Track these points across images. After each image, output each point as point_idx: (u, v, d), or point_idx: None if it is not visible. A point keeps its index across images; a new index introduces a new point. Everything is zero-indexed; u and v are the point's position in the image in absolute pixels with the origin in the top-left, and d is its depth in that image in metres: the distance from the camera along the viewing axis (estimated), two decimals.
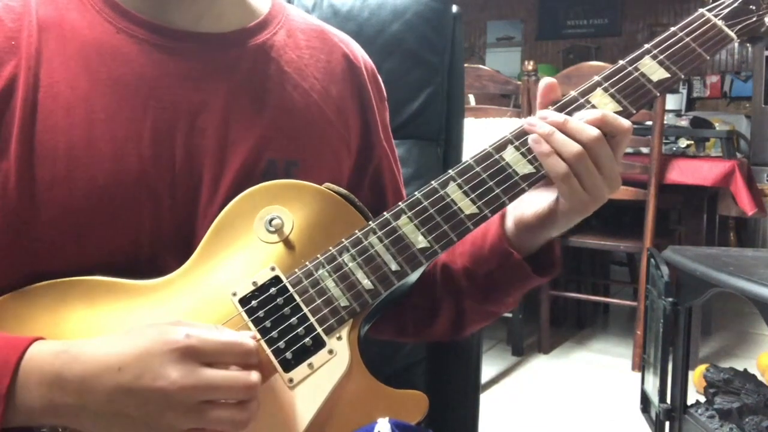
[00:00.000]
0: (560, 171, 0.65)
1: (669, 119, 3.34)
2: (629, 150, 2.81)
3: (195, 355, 0.56)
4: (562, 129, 0.66)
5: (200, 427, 0.56)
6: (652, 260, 1.96)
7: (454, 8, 1.07)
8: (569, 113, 0.69)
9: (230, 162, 0.70)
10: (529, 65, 2.87)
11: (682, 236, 3.08)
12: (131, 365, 0.56)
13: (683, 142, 2.97)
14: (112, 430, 0.56)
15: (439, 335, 0.82)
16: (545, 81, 0.70)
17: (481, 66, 3.10)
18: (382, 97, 0.86)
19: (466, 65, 1.18)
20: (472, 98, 3.36)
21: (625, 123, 0.67)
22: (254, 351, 0.59)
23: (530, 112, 2.85)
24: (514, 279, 0.73)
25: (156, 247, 0.68)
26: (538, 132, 0.67)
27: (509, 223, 0.72)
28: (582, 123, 0.66)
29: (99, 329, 0.62)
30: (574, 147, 0.65)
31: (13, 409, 0.56)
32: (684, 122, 3.48)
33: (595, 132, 0.65)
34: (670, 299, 1.75)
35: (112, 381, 0.55)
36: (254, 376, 0.58)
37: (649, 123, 2.64)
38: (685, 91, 5.63)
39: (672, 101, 4.49)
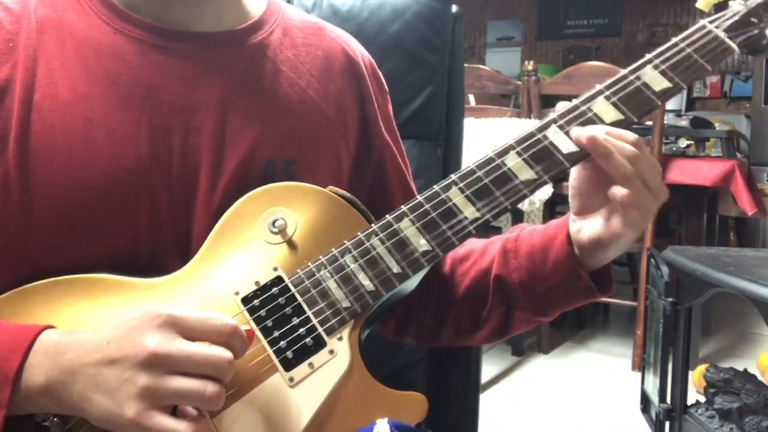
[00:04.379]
0: (627, 171, 0.64)
1: (669, 119, 3.35)
2: None
3: (174, 324, 0.57)
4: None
5: (167, 395, 0.55)
6: (652, 260, 1.96)
7: (454, 8, 1.07)
8: (571, 121, 0.69)
9: (228, 161, 0.70)
10: (529, 65, 2.87)
11: (682, 236, 3.08)
12: (117, 338, 0.57)
13: (683, 142, 2.98)
14: (93, 404, 0.56)
15: (476, 343, 0.82)
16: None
17: (481, 66, 3.10)
18: (383, 91, 0.86)
19: (466, 65, 1.18)
20: (472, 98, 3.36)
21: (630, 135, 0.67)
22: (236, 330, 0.58)
23: (530, 112, 2.85)
24: (578, 297, 0.73)
25: (154, 246, 0.68)
26: (596, 134, 0.66)
27: (582, 242, 0.70)
28: (619, 130, 0.66)
29: (99, 326, 0.62)
30: (629, 147, 0.65)
31: (17, 392, 0.57)
32: (684, 122, 3.49)
33: (634, 136, 0.66)
34: (670, 299, 1.75)
35: (99, 354, 0.57)
36: (228, 354, 0.57)
37: (649, 123, 2.64)
38: (685, 91, 5.63)
39: (672, 101, 4.48)
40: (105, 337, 0.58)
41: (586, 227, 0.69)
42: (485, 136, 2.51)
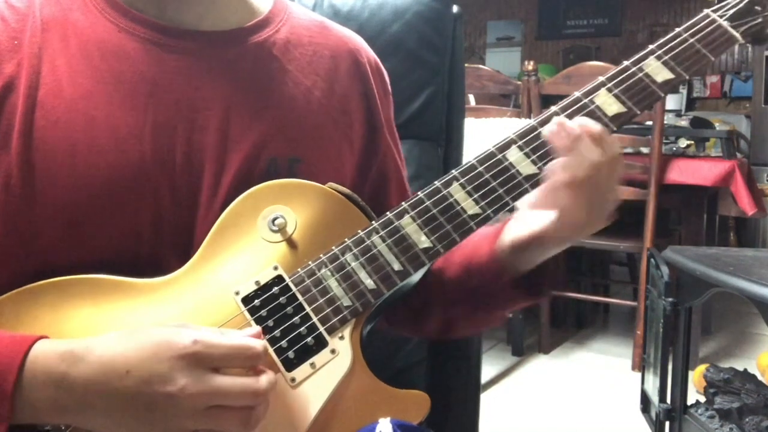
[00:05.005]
0: (593, 158, 0.63)
1: (669, 119, 3.34)
2: (629, 150, 2.81)
3: (202, 361, 0.56)
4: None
5: (208, 429, 0.56)
6: (652, 260, 1.96)
7: (454, 8, 1.07)
8: (573, 114, 0.68)
9: (231, 159, 0.70)
10: (529, 65, 2.87)
11: (682, 236, 3.07)
12: (138, 368, 0.55)
13: (683, 142, 2.97)
14: (122, 425, 0.56)
15: (427, 336, 0.82)
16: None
17: (481, 66, 3.10)
18: (387, 92, 0.86)
19: (466, 65, 1.18)
20: (472, 98, 3.36)
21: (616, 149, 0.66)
22: (262, 354, 0.58)
23: (530, 112, 2.85)
24: (502, 297, 0.73)
25: (157, 245, 0.68)
26: (568, 127, 0.65)
27: (506, 241, 0.70)
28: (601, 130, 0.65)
29: (102, 328, 0.62)
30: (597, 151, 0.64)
31: (20, 409, 0.56)
32: (684, 122, 3.48)
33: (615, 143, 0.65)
34: (670, 299, 1.75)
35: (120, 384, 0.55)
36: (263, 381, 0.58)
37: (649, 123, 2.65)
38: (685, 91, 5.63)
39: (672, 101, 4.49)
40: (121, 364, 0.56)
41: (512, 227, 0.69)
42: (486, 136, 2.51)
